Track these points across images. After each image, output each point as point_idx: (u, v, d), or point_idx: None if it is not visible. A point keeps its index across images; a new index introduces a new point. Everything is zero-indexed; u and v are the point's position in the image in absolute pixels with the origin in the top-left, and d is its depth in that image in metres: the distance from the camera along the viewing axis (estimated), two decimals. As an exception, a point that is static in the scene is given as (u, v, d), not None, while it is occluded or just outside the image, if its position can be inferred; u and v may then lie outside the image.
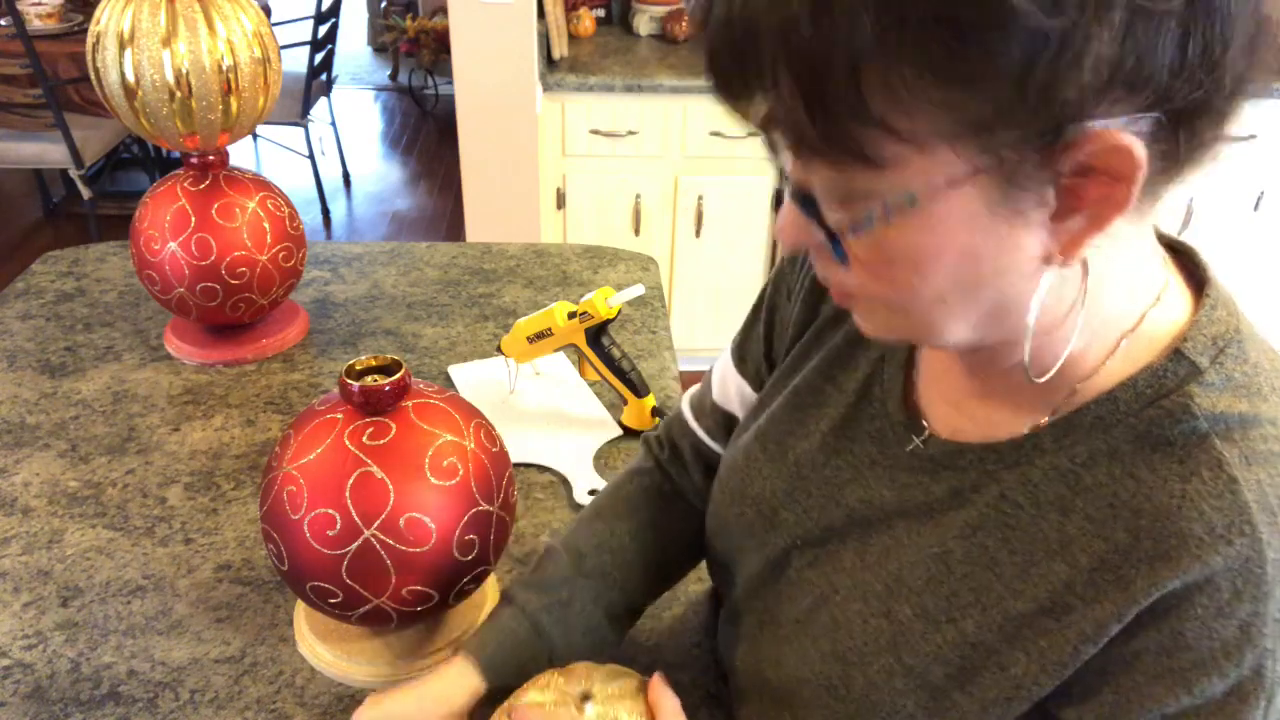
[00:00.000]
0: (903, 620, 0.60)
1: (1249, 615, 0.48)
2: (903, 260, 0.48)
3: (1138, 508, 0.51)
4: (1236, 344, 0.53)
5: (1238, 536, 0.48)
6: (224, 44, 1.12)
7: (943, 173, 0.44)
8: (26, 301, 1.43)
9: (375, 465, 0.75)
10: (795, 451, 0.70)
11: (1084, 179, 0.44)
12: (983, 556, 0.57)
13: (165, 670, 0.86)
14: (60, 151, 3.09)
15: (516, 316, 1.42)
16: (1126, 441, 0.53)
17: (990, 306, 0.50)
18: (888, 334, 0.56)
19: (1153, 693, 0.50)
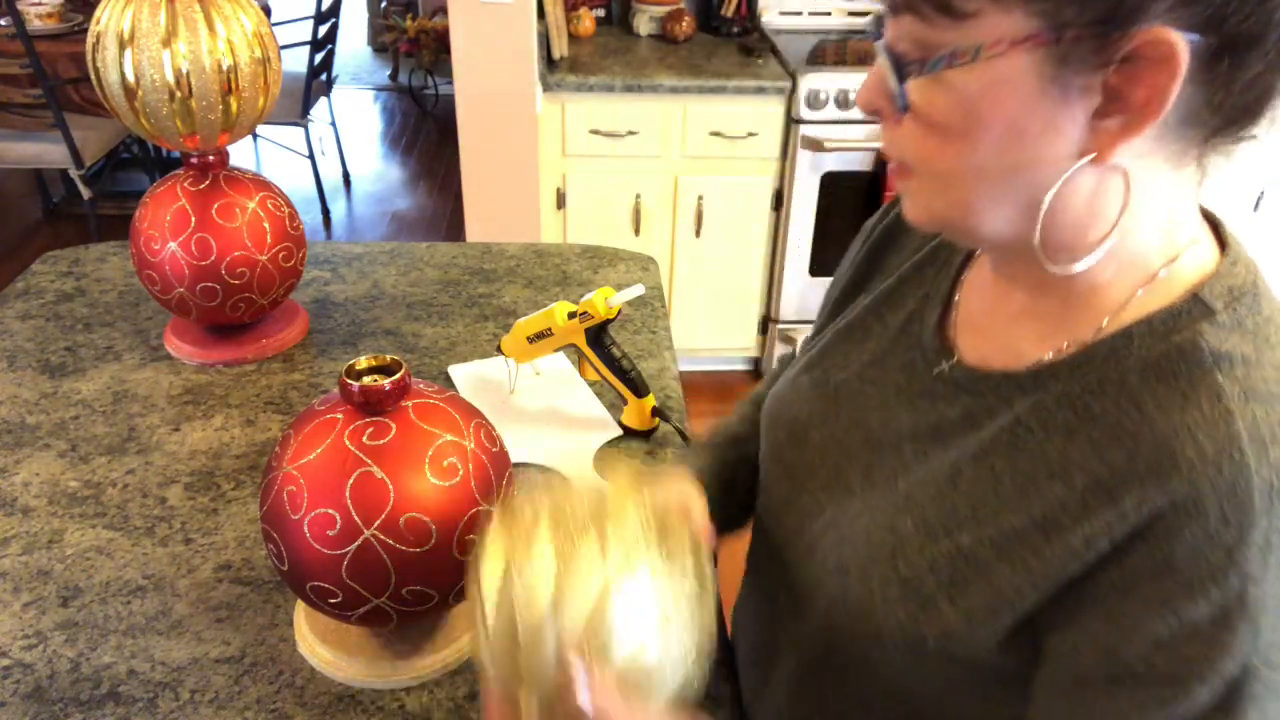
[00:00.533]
0: (903, 533, 0.62)
1: (1234, 541, 0.49)
2: (956, 121, 0.53)
3: (1136, 433, 0.53)
4: (1252, 296, 0.56)
5: (1227, 463, 0.49)
6: (224, 44, 1.12)
7: (1010, 31, 0.49)
8: (26, 301, 1.43)
9: (375, 465, 0.75)
10: (835, 379, 0.74)
11: (1128, 79, 0.49)
12: (988, 476, 0.59)
13: (165, 670, 0.86)
14: (60, 151, 3.09)
15: (516, 316, 1.42)
16: (1135, 372, 0.55)
17: (1026, 196, 0.54)
18: (931, 218, 0.59)
19: (1142, 618, 0.52)
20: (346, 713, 0.83)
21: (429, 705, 0.84)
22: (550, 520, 0.58)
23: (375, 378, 0.78)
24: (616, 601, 0.56)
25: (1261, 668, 0.50)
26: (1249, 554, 0.49)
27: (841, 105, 2.52)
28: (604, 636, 0.55)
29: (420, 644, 0.87)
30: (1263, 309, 0.56)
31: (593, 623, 0.55)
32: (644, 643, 0.56)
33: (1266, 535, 0.49)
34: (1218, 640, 0.50)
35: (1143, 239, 0.56)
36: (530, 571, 0.56)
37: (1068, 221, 0.55)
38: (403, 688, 0.85)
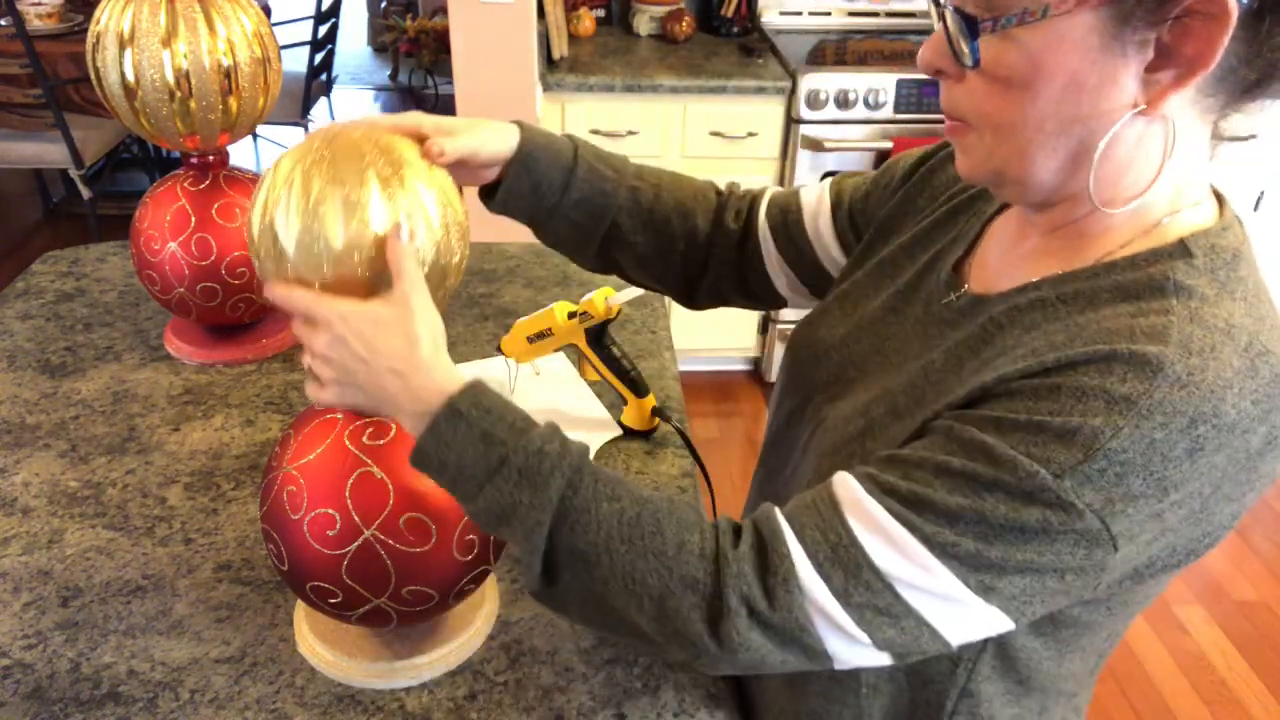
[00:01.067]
0: (874, 416, 0.69)
1: (1125, 394, 0.53)
2: (1021, 76, 0.57)
3: (1089, 327, 0.58)
4: (1232, 255, 0.60)
5: (1149, 347, 0.54)
6: (224, 44, 1.12)
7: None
8: (26, 301, 1.43)
9: (375, 465, 0.75)
10: (863, 308, 0.80)
11: (1181, 34, 0.53)
12: (955, 364, 0.66)
13: (165, 670, 0.86)
14: (60, 151, 3.09)
15: (516, 316, 1.42)
16: (1106, 289, 0.61)
17: (1076, 145, 0.59)
18: (984, 169, 0.64)
19: (1011, 411, 0.57)
20: (346, 713, 0.83)
21: (429, 705, 0.84)
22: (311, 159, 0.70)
23: (375, 378, 0.78)
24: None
25: (1069, 505, 0.54)
26: (1126, 409, 0.53)
27: (841, 105, 2.52)
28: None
29: (420, 644, 0.87)
30: (1239, 270, 0.60)
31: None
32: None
33: (1151, 409, 0.53)
34: (1058, 456, 0.54)
35: (1157, 191, 0.61)
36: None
37: (1112, 170, 0.60)
38: (403, 688, 0.85)
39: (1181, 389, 0.53)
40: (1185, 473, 0.54)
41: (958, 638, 0.60)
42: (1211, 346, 0.55)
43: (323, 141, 0.71)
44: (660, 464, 1.14)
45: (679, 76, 2.51)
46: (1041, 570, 0.57)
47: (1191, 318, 0.56)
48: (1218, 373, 0.54)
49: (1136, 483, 0.54)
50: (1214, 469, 0.55)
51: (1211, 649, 2.15)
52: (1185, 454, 0.53)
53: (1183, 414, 0.53)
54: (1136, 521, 0.55)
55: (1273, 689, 2.06)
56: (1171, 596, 2.28)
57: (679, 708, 0.84)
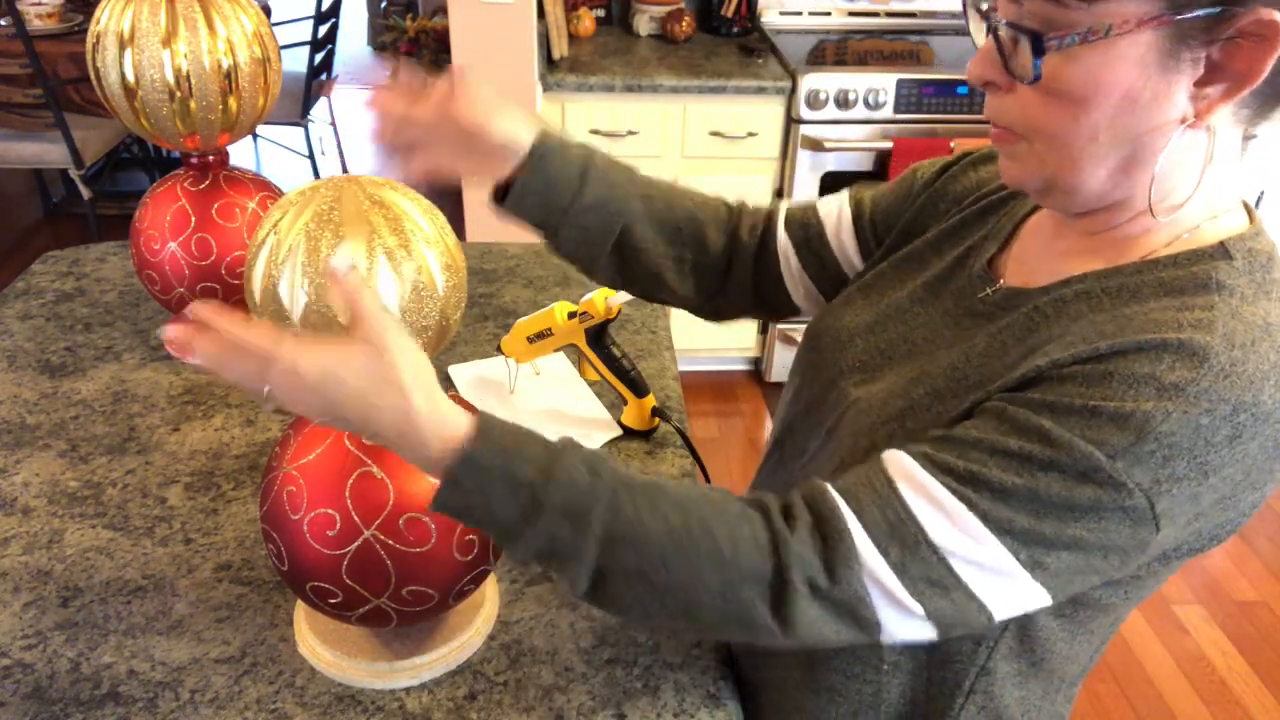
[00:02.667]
0: (915, 397, 0.70)
1: (1175, 381, 0.56)
2: (1078, 90, 0.59)
3: (1133, 320, 0.60)
4: (1268, 258, 0.63)
5: (1198, 336, 0.57)
6: (224, 44, 1.12)
7: (1137, 12, 0.56)
8: (26, 301, 1.43)
9: (375, 465, 0.75)
10: (888, 298, 0.81)
11: (1231, 52, 0.56)
12: (998, 349, 0.67)
13: (165, 670, 0.86)
14: (60, 151, 3.09)
15: (516, 316, 1.42)
16: (1149, 285, 0.63)
17: (1126, 156, 0.61)
18: (1034, 177, 0.65)
19: (1065, 394, 0.59)
20: (346, 713, 0.83)
21: (429, 705, 0.84)
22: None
23: (375, 378, 0.78)
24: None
25: (1121, 485, 0.57)
26: (1176, 396, 0.55)
27: (841, 105, 2.52)
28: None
29: (420, 644, 0.87)
30: (1274, 272, 0.63)
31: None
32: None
33: (1197, 397, 0.55)
34: (1112, 439, 0.56)
35: (1202, 199, 0.64)
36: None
37: (1157, 177, 0.62)
38: (403, 688, 0.85)
39: (1225, 378, 0.56)
40: (1224, 458, 0.57)
41: (1002, 611, 0.62)
42: (1252, 341, 0.57)
43: (325, 204, 0.70)
44: (660, 464, 1.14)
45: (679, 76, 2.51)
46: (1089, 547, 0.59)
47: (1233, 314, 0.58)
48: (1257, 365, 0.57)
49: (1181, 465, 0.56)
50: (1248, 456, 0.57)
51: (1211, 649, 2.15)
52: (1226, 440, 0.56)
53: (1226, 401, 0.56)
54: (1178, 503, 0.58)
55: (1273, 689, 2.06)
56: (1171, 596, 2.28)
57: (679, 708, 0.84)
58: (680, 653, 0.89)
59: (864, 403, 0.75)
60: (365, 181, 0.72)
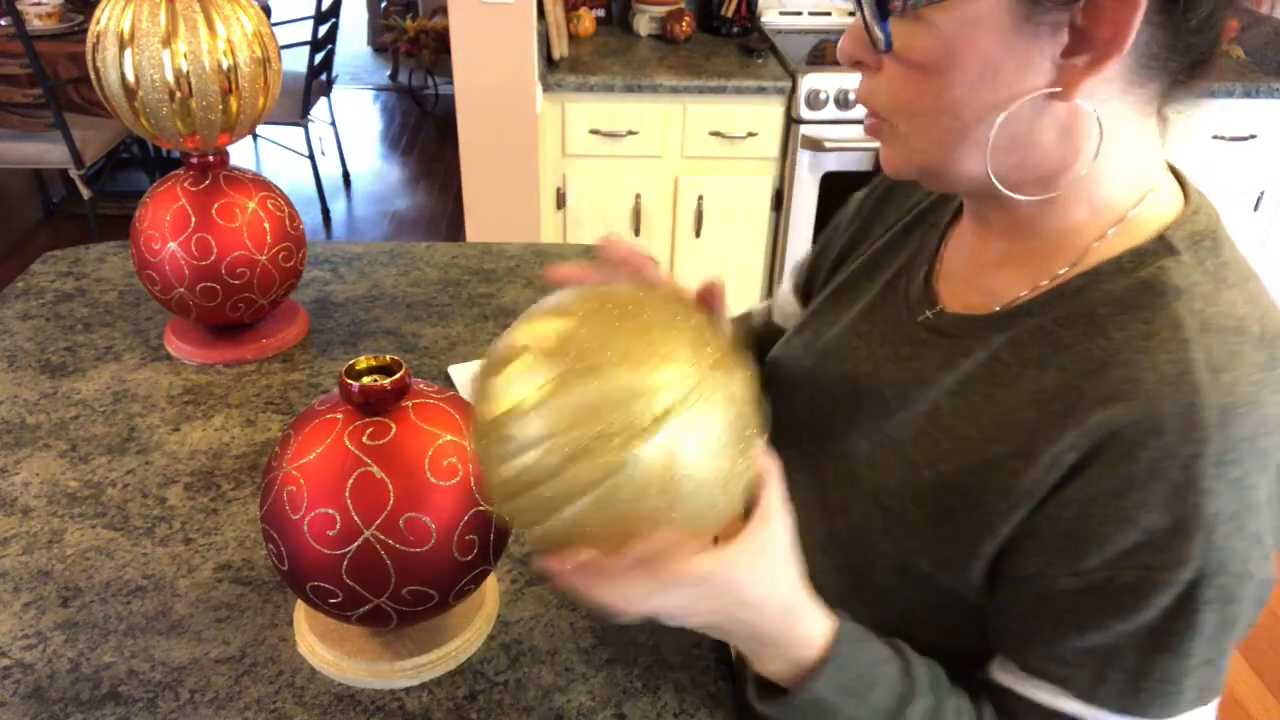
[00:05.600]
0: (887, 468, 0.66)
1: (1191, 456, 0.53)
2: (934, 60, 0.56)
3: (1104, 359, 0.57)
4: (1212, 240, 0.59)
5: (1185, 385, 0.53)
6: (224, 44, 1.12)
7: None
8: (26, 301, 1.43)
9: (375, 465, 0.75)
10: (825, 337, 0.78)
11: (1094, 17, 0.52)
12: (967, 409, 0.63)
13: (165, 670, 0.86)
14: (60, 151, 3.09)
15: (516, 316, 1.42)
16: (1102, 305, 0.59)
17: (998, 131, 0.57)
18: (905, 162, 0.62)
19: (1104, 530, 0.55)
20: (346, 713, 0.83)
21: (429, 705, 0.84)
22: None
23: (375, 378, 0.78)
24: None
25: (1215, 574, 0.53)
26: (1205, 468, 0.52)
27: (841, 105, 2.52)
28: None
29: (420, 644, 0.87)
30: (1222, 253, 0.59)
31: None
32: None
33: (1221, 451, 0.52)
34: (1176, 549, 0.53)
35: (1111, 184, 0.60)
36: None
37: (1039, 157, 0.59)
38: (403, 688, 0.85)
39: (1231, 412, 0.53)
40: (1263, 483, 0.54)
41: None
42: (1233, 353, 0.55)
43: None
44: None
45: (679, 76, 2.51)
46: (1228, 645, 0.58)
47: (1203, 326, 0.55)
48: (1248, 379, 0.54)
49: (1250, 520, 0.54)
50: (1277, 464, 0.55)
51: (1211, 649, 2.15)
52: (1259, 470, 0.54)
53: (1247, 435, 0.53)
54: (1259, 548, 0.55)
55: (1273, 689, 2.06)
56: (1171, 596, 2.28)
57: (679, 708, 0.84)
58: (680, 653, 0.89)
59: (828, 473, 0.71)
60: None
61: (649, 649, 0.90)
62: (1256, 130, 2.65)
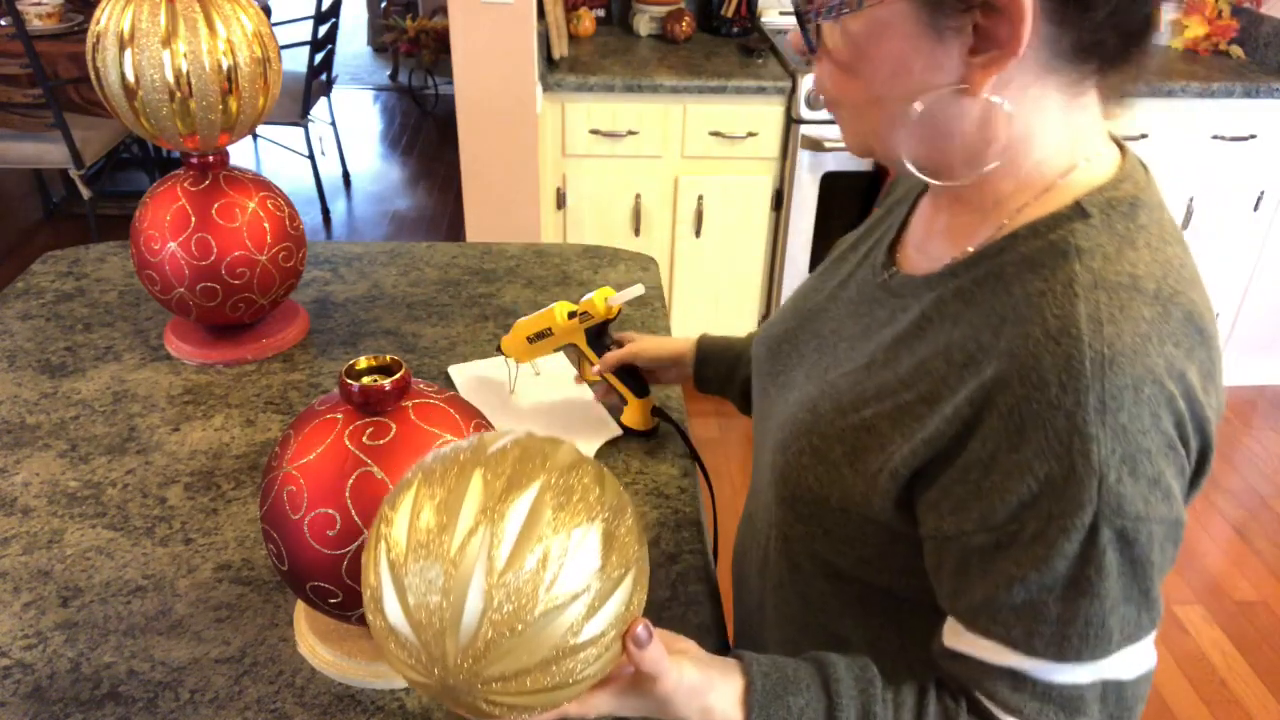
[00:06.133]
0: (820, 411, 0.71)
1: (1073, 405, 0.55)
2: (853, 61, 0.62)
3: (1005, 315, 0.60)
4: (1129, 206, 0.62)
5: (1065, 339, 0.56)
6: (224, 44, 1.12)
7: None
8: (26, 301, 1.43)
9: (375, 465, 0.75)
10: (810, 302, 0.83)
11: (992, 20, 0.56)
12: (893, 361, 0.68)
13: (165, 670, 0.86)
14: (60, 151, 3.09)
15: (516, 316, 1.42)
16: (1012, 264, 0.62)
17: (923, 121, 0.62)
18: (858, 144, 0.68)
19: (1005, 485, 0.58)
20: (346, 713, 0.83)
21: (429, 705, 0.84)
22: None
23: (375, 378, 0.78)
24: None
25: (1112, 517, 0.56)
26: (1088, 416, 0.55)
27: (841, 105, 2.52)
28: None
29: (420, 644, 0.87)
30: (1138, 218, 0.62)
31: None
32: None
33: (1101, 399, 0.55)
34: (1071, 495, 0.56)
35: (1040, 157, 0.63)
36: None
37: (958, 146, 0.63)
38: (402, 688, 0.85)
39: (1112, 363, 0.55)
40: (1155, 429, 0.57)
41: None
42: (1121, 306, 0.57)
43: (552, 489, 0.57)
44: (660, 464, 1.14)
45: (679, 76, 2.51)
46: (1149, 585, 0.60)
47: (1096, 282, 0.58)
48: (1134, 330, 0.56)
49: (1143, 463, 0.56)
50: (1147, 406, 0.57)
51: (1211, 649, 2.15)
52: (1148, 417, 0.56)
53: (1128, 384, 0.55)
54: (1157, 491, 0.57)
55: (1273, 689, 2.06)
56: (1172, 596, 2.28)
57: (679, 708, 0.84)
58: (680, 653, 0.89)
59: (779, 415, 0.77)
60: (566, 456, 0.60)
61: (649, 649, 0.90)
62: (1256, 130, 2.65)
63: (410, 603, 0.55)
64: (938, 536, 0.63)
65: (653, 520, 1.05)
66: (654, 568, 0.99)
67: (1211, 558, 2.40)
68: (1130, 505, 0.56)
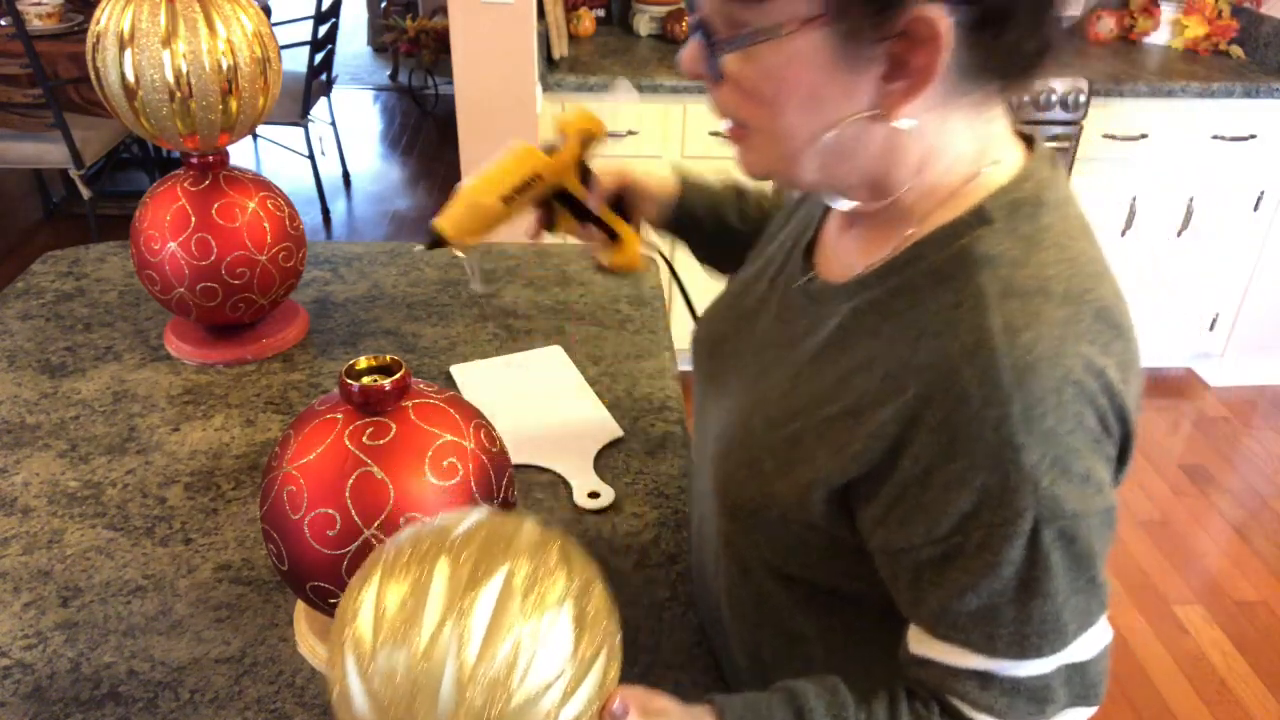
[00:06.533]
0: (753, 426, 0.72)
1: (998, 418, 0.56)
2: (764, 89, 0.60)
3: (921, 329, 0.61)
4: (1033, 207, 0.62)
5: (982, 353, 0.57)
6: (224, 44, 1.12)
7: (801, 12, 0.56)
8: (26, 301, 1.43)
9: (375, 465, 0.75)
10: (742, 303, 0.82)
11: (907, 48, 0.56)
12: (818, 374, 0.68)
13: (165, 670, 0.86)
14: (60, 151, 3.09)
15: (516, 316, 1.42)
16: (923, 276, 0.63)
17: (832, 147, 0.61)
18: (762, 169, 0.67)
19: (945, 498, 0.59)
20: (346, 713, 0.83)
21: (429, 705, 0.84)
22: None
23: (375, 378, 0.78)
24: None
25: (1051, 519, 0.57)
26: (1014, 426, 0.56)
27: (841, 105, 2.52)
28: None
29: (420, 644, 0.87)
30: (1041, 218, 0.62)
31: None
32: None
33: (1024, 408, 0.56)
34: (1008, 503, 0.57)
35: (945, 167, 0.64)
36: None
37: (867, 169, 0.63)
38: (403, 688, 0.85)
39: (1030, 371, 0.56)
40: (1081, 427, 0.58)
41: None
42: (1034, 313, 0.57)
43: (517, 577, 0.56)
44: (660, 464, 1.14)
45: (679, 76, 2.51)
46: (1094, 572, 0.61)
47: (1005, 290, 0.58)
48: (1048, 335, 0.57)
49: (1073, 462, 0.57)
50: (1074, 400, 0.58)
51: (1211, 649, 2.15)
52: (1072, 417, 0.57)
53: (1049, 389, 0.56)
54: (1089, 486, 0.58)
55: (1273, 689, 2.06)
56: (1172, 596, 2.28)
57: (679, 708, 0.84)
58: (680, 652, 0.89)
59: (717, 425, 0.78)
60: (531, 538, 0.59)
61: (649, 649, 0.90)
62: (1256, 130, 2.65)
63: (383, 701, 0.53)
64: (888, 550, 0.64)
65: (653, 520, 1.05)
66: (654, 568, 0.99)
67: (1211, 558, 2.40)
68: (1067, 505, 0.57)
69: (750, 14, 0.58)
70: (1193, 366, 3.13)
